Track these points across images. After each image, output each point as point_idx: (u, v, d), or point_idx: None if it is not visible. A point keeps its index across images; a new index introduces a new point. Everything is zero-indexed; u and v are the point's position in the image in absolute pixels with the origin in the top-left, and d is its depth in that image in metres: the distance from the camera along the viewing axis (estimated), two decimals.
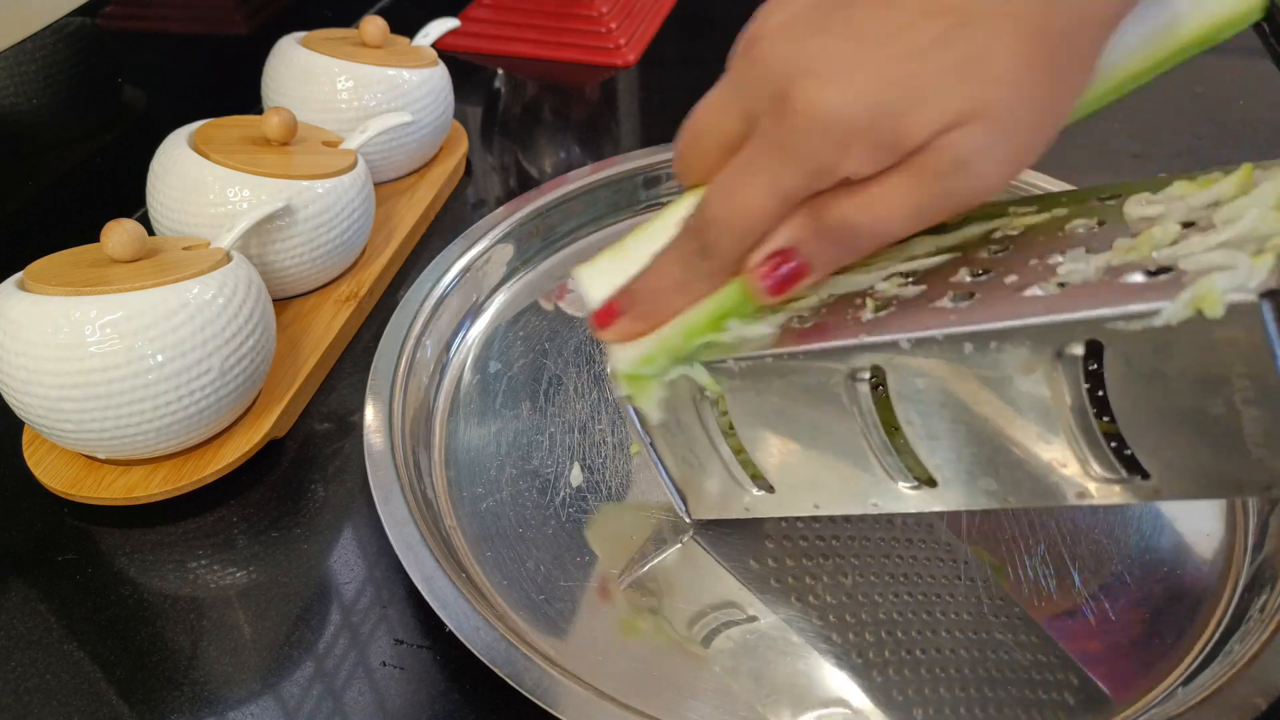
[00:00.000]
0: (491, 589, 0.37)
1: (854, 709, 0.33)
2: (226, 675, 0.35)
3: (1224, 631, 0.34)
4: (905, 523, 0.38)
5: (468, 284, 0.49)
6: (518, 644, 0.33)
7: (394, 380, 0.43)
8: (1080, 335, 0.26)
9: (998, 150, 0.27)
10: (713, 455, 0.35)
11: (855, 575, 0.37)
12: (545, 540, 0.39)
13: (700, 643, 0.35)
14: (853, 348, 0.30)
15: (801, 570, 0.37)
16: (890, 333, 0.29)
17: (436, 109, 0.58)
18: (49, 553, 0.40)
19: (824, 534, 0.38)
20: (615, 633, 0.36)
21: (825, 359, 0.30)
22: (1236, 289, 0.23)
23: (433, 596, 0.34)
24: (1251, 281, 0.23)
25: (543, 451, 0.43)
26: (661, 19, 0.79)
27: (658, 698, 0.34)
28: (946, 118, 0.26)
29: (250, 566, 0.39)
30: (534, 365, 0.47)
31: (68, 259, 0.40)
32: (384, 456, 0.39)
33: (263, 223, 0.46)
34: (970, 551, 0.38)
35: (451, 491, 0.41)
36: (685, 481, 0.38)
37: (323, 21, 0.62)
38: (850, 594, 0.36)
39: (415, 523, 0.37)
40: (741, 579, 0.37)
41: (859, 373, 0.30)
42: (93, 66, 0.56)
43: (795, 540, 0.38)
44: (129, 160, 0.54)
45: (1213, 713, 0.30)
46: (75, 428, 0.38)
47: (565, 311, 0.51)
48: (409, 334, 0.45)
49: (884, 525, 0.39)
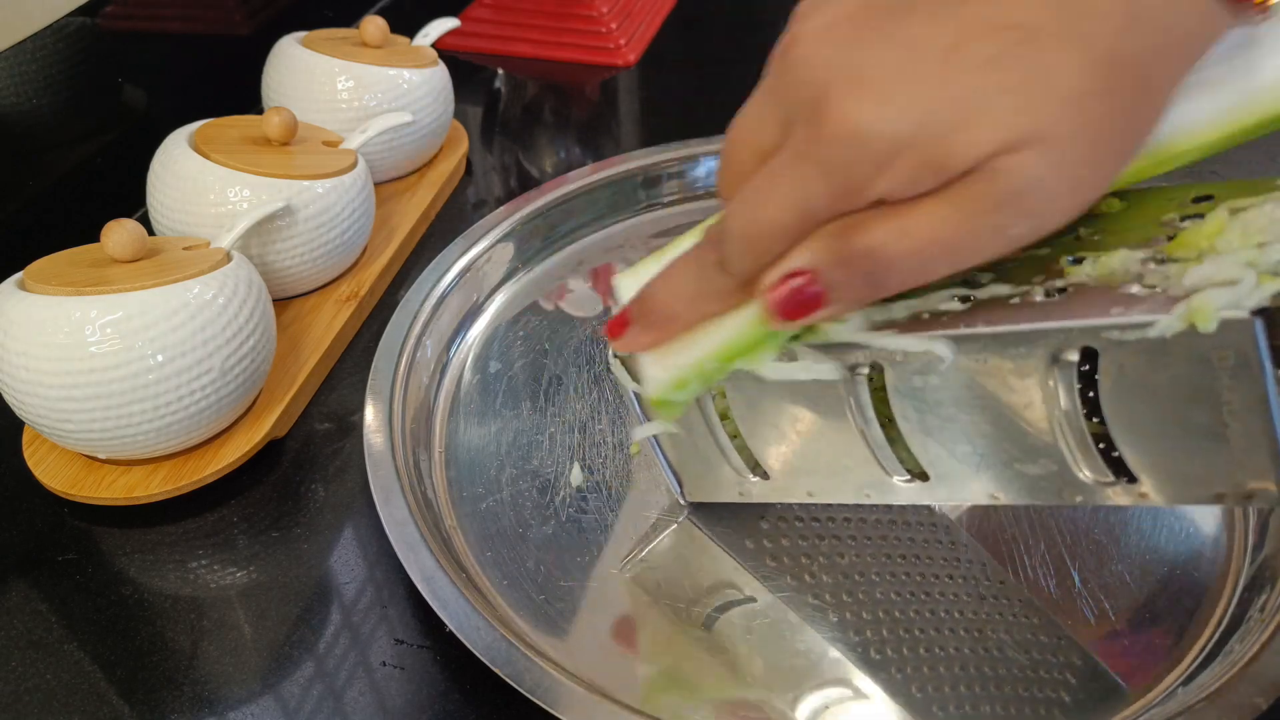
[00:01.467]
0: (492, 589, 0.37)
1: (853, 688, 0.33)
2: (226, 675, 0.35)
3: (1224, 631, 0.34)
4: (902, 505, 0.38)
5: (468, 284, 0.49)
6: (518, 644, 0.33)
7: (394, 380, 0.43)
8: (1076, 343, 0.26)
9: (1057, 181, 0.24)
10: (710, 441, 0.36)
11: (852, 555, 0.37)
12: (545, 540, 0.39)
13: (701, 626, 0.36)
14: (853, 346, 0.30)
15: (797, 550, 0.38)
16: (893, 334, 0.29)
17: (436, 109, 0.58)
18: (49, 553, 0.40)
19: (819, 515, 0.39)
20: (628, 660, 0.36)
21: (827, 355, 0.31)
22: (1230, 305, 0.24)
23: (433, 596, 0.34)
24: (1249, 300, 0.24)
25: (543, 451, 0.43)
26: (661, 19, 0.79)
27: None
28: (1001, 138, 0.23)
29: (250, 566, 0.39)
30: (534, 365, 0.47)
31: (68, 259, 0.40)
32: (384, 456, 0.39)
33: (263, 223, 0.46)
34: (967, 535, 0.38)
35: (451, 491, 0.41)
36: (682, 464, 0.38)
37: (323, 21, 0.62)
38: (847, 573, 0.37)
39: (415, 523, 0.37)
40: (738, 559, 0.38)
41: (859, 368, 0.30)
42: (93, 66, 0.56)
43: (790, 520, 0.39)
44: (129, 160, 0.54)
45: (1213, 713, 0.30)
46: (76, 428, 0.38)
47: (565, 311, 0.51)
48: (409, 334, 0.45)
49: (881, 507, 0.39)
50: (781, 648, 0.35)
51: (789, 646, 0.35)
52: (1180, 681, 0.33)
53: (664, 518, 0.39)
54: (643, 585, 0.37)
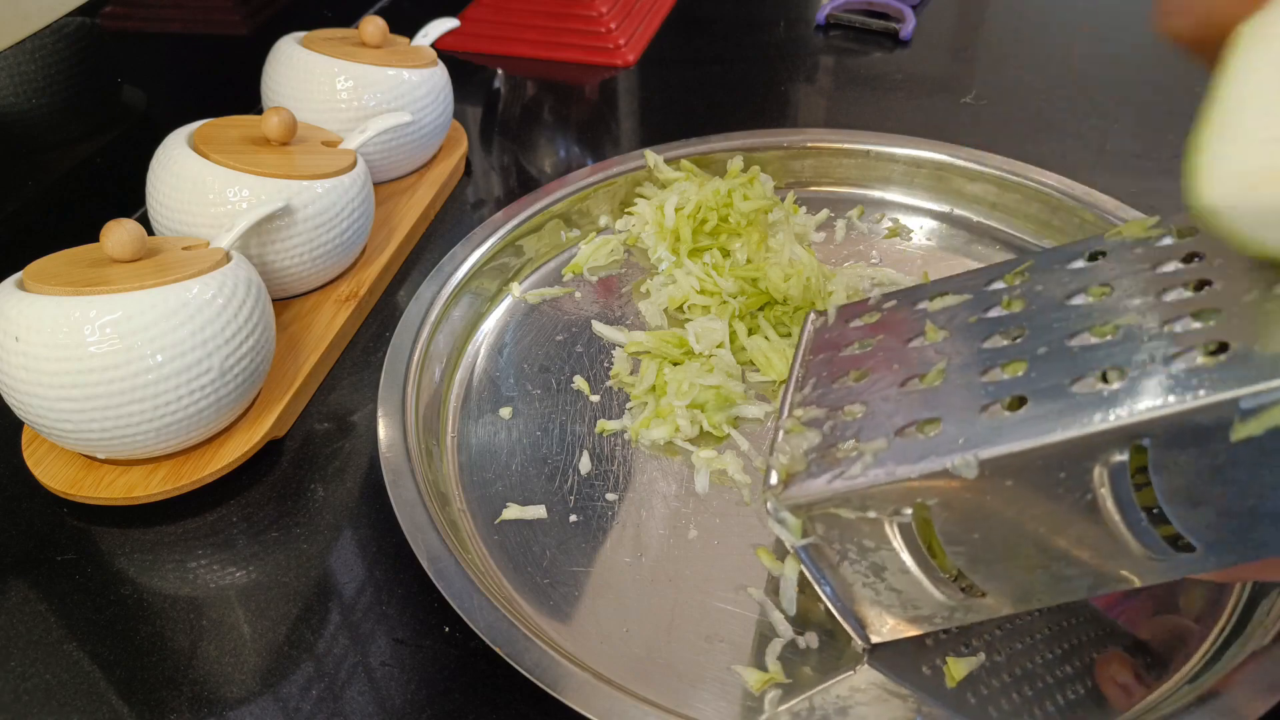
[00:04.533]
0: (497, 571, 0.38)
1: (859, 687, 0.33)
2: (226, 675, 0.35)
3: (1229, 634, 0.34)
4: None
5: (481, 277, 0.50)
6: (520, 626, 0.33)
7: (407, 369, 0.44)
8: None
9: None
10: (903, 574, 0.31)
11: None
12: (553, 526, 0.40)
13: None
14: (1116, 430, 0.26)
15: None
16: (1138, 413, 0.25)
17: (436, 109, 0.58)
18: (49, 553, 0.40)
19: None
20: (623, 620, 0.36)
21: (1077, 449, 0.26)
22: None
23: (438, 577, 0.35)
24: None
25: (552, 440, 0.44)
26: (661, 19, 0.79)
27: (660, 683, 0.34)
28: None
29: (250, 566, 0.39)
30: (545, 358, 0.48)
31: (67, 259, 0.40)
32: (396, 440, 0.40)
33: (263, 223, 0.46)
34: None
35: (461, 476, 0.42)
36: (862, 605, 0.33)
37: (323, 21, 0.62)
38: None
39: (424, 504, 0.37)
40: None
41: (1114, 458, 0.26)
42: (93, 66, 0.56)
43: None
44: (129, 160, 0.54)
45: (1214, 713, 0.30)
46: (75, 428, 0.38)
47: (579, 305, 0.51)
48: (423, 324, 0.46)
49: None
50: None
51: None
52: (1186, 680, 0.33)
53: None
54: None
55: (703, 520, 0.40)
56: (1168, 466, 0.25)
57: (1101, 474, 0.26)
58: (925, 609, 0.32)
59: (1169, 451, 0.25)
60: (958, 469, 0.28)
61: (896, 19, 0.77)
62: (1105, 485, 0.26)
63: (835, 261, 0.52)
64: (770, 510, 0.31)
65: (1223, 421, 0.24)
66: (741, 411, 0.44)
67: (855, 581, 0.32)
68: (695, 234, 0.51)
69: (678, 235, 0.51)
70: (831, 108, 0.70)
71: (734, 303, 0.47)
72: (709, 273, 0.49)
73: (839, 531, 0.31)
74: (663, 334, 0.47)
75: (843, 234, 0.54)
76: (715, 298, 0.48)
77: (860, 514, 0.30)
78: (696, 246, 0.51)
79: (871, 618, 0.33)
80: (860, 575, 0.32)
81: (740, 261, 0.49)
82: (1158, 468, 0.25)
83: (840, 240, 0.54)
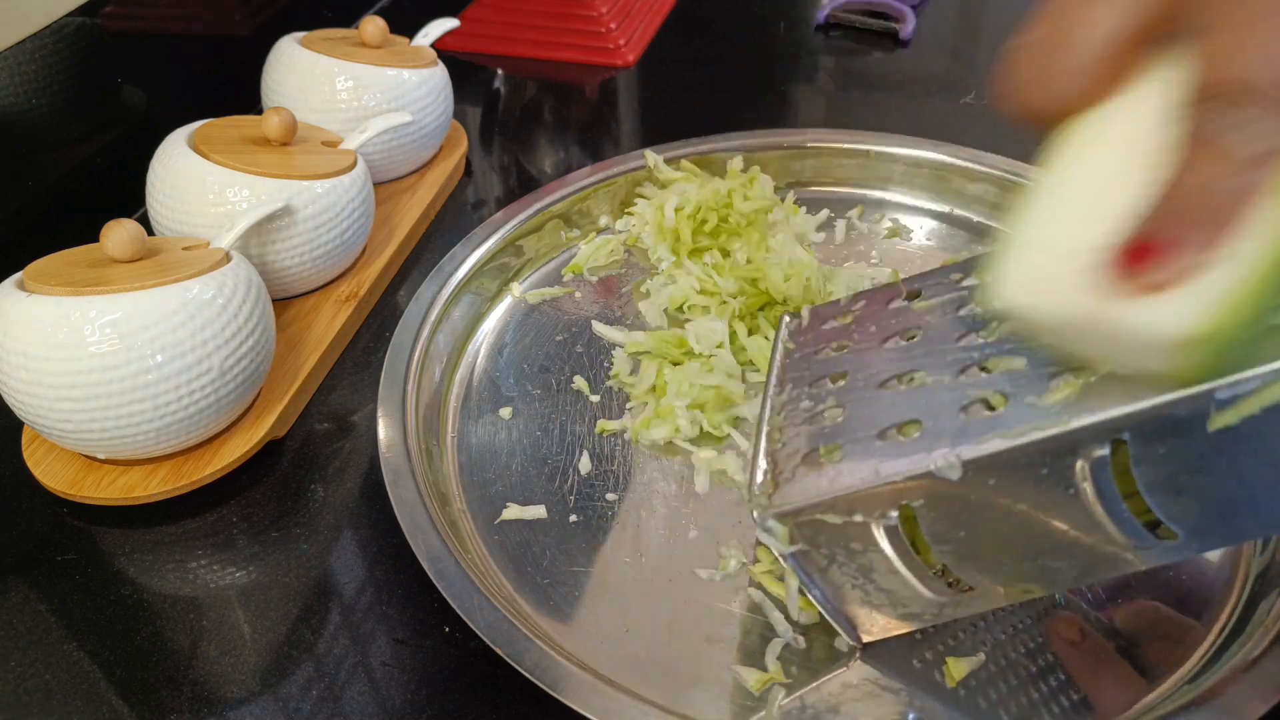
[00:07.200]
0: (497, 571, 0.38)
1: (852, 683, 0.33)
2: (226, 675, 0.35)
3: (1229, 634, 0.34)
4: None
5: (481, 277, 0.50)
6: (520, 625, 0.33)
7: (407, 369, 0.44)
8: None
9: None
10: (891, 575, 0.31)
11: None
12: (553, 526, 0.40)
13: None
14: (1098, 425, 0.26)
15: None
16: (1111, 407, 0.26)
17: (436, 109, 0.58)
18: (49, 553, 0.40)
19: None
20: (623, 620, 0.36)
21: (1057, 446, 0.27)
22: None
23: (438, 576, 0.35)
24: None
25: (552, 440, 0.44)
26: (661, 19, 0.79)
27: (660, 683, 0.34)
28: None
29: (250, 566, 0.39)
30: (545, 358, 0.48)
31: (67, 259, 0.40)
32: (396, 440, 0.40)
33: (263, 223, 0.46)
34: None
35: (461, 476, 0.42)
36: (851, 605, 0.33)
37: (323, 21, 0.62)
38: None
39: (424, 504, 0.37)
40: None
41: (1095, 453, 0.27)
42: (93, 66, 0.56)
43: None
44: (129, 160, 0.54)
45: (1214, 714, 0.30)
46: (75, 428, 0.38)
47: (580, 305, 0.51)
48: (424, 323, 0.46)
49: None
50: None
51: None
52: (1185, 681, 0.33)
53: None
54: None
55: (703, 520, 0.40)
56: (1148, 458, 0.26)
57: (1083, 468, 0.26)
58: (915, 606, 0.32)
59: (1149, 444, 0.25)
60: (941, 471, 0.28)
61: (896, 19, 0.77)
62: (1087, 479, 0.27)
63: (835, 261, 0.52)
64: (757, 519, 0.31)
65: (1199, 413, 0.24)
66: (741, 411, 0.44)
67: (844, 583, 0.32)
68: (695, 234, 0.51)
69: (678, 235, 0.51)
70: (831, 108, 0.70)
71: (734, 303, 0.47)
72: (709, 273, 0.49)
73: (826, 536, 0.31)
74: (663, 334, 0.47)
75: (843, 234, 0.54)
76: (715, 298, 0.48)
77: (846, 518, 0.30)
78: (696, 247, 0.51)
79: (862, 617, 0.33)
80: (849, 577, 0.32)
81: (740, 262, 0.49)
82: (1138, 460, 0.26)
83: (840, 240, 0.54)
